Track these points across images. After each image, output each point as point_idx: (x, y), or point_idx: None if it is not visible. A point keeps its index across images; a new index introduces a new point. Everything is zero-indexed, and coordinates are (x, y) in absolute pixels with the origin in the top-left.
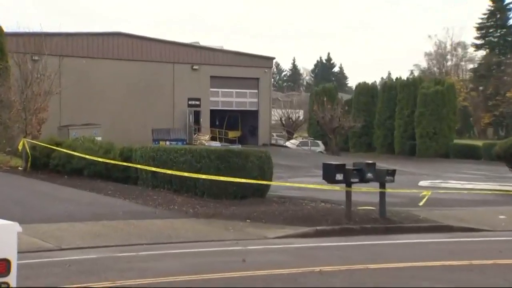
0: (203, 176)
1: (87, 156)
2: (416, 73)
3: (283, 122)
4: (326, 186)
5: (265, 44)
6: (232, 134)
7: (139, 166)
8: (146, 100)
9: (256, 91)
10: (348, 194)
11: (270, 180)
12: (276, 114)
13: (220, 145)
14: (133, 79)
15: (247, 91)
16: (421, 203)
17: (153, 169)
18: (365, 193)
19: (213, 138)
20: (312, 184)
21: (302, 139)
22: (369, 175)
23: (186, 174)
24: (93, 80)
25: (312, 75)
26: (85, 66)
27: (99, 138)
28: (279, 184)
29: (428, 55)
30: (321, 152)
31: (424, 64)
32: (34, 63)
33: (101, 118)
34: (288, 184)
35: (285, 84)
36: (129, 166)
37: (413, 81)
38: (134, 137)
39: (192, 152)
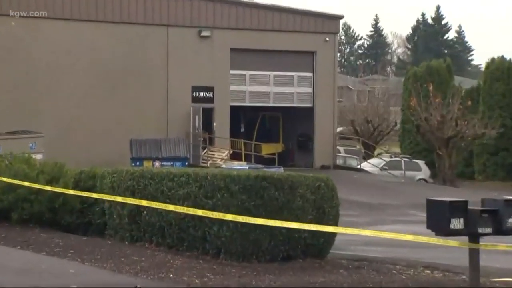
0: (228, 217)
1: (22, 182)
2: None
3: (357, 128)
4: (433, 238)
5: None
6: (267, 149)
7: (107, 197)
8: (121, 90)
9: (310, 74)
10: (474, 255)
11: (335, 227)
12: (346, 113)
13: (247, 167)
14: (100, 55)
15: (295, 74)
16: None
17: (133, 201)
18: (505, 253)
19: (235, 156)
20: (408, 235)
21: (391, 157)
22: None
23: (199, 212)
24: (32, 56)
25: (409, 46)
26: (17, 32)
27: (39, 157)
28: (349, 234)
29: None
30: (423, 180)
31: None
32: None
33: (43, 123)
34: (366, 232)
35: (361, 61)
36: (92, 203)
37: None
38: (99, 154)
39: (199, 180)
